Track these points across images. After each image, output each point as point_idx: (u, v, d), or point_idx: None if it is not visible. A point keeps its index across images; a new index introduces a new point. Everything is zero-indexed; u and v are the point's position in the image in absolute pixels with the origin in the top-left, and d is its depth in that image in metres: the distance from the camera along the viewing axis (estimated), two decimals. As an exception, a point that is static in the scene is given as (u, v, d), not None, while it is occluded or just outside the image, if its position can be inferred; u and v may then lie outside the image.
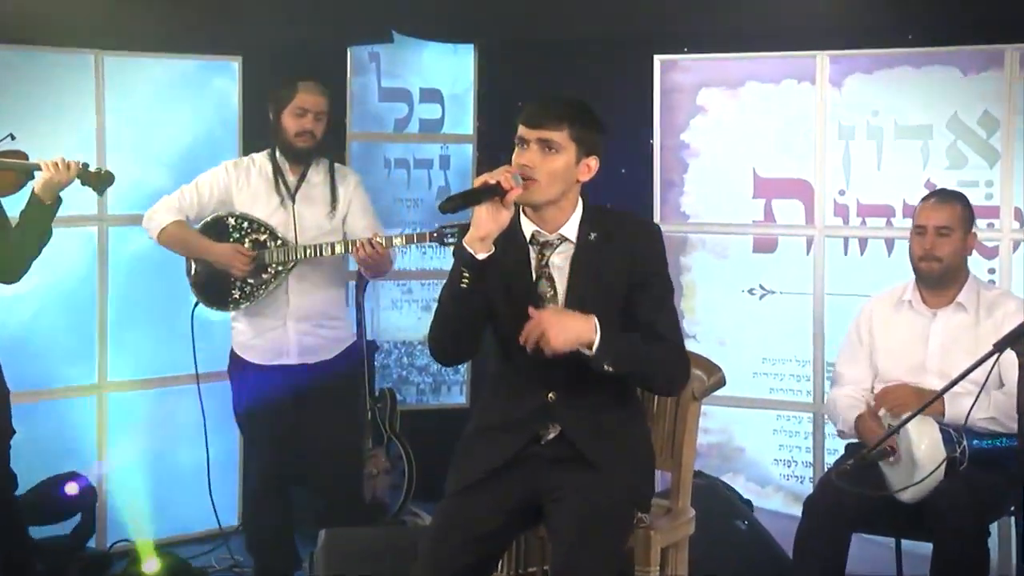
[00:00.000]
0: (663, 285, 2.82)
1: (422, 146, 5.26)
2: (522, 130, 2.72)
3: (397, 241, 3.98)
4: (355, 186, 4.15)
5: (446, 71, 5.28)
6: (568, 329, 2.63)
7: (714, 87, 4.83)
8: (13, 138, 3.62)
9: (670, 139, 4.88)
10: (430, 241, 3.96)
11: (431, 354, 2.90)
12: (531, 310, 2.66)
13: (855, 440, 3.68)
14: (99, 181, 3.68)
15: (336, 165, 4.14)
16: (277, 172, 4.04)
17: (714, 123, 4.84)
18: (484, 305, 2.76)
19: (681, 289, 4.87)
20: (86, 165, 3.67)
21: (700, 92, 4.85)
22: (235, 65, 4.73)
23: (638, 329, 2.75)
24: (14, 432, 3.63)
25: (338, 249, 3.96)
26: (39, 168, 3.53)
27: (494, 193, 2.63)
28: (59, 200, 3.62)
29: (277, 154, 4.05)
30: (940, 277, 3.60)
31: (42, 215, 3.57)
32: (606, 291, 2.76)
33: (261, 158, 4.08)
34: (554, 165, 2.70)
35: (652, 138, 4.88)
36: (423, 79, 5.24)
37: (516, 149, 2.73)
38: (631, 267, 2.77)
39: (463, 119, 5.30)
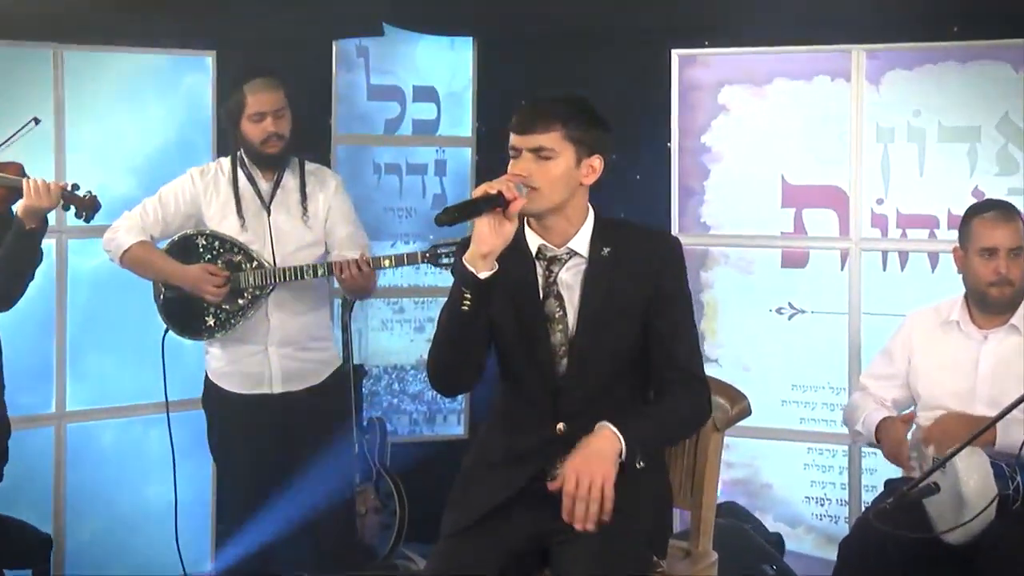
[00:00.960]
0: (682, 307, 2.84)
1: (415, 150, 5.26)
2: (513, 139, 2.74)
3: (386, 263, 3.98)
4: (336, 189, 4.13)
5: (442, 67, 5.29)
6: (594, 464, 2.60)
7: (738, 84, 4.86)
8: (37, 122, 3.77)
9: (689, 142, 4.90)
10: (423, 262, 3.97)
11: (430, 382, 2.90)
12: (550, 485, 2.64)
13: (895, 476, 3.68)
14: (84, 207, 3.74)
15: (311, 165, 4.12)
16: (249, 179, 4.03)
17: (738, 124, 4.87)
18: (487, 328, 2.77)
19: (702, 308, 4.91)
20: (75, 187, 3.73)
21: (722, 90, 4.87)
22: (208, 60, 4.75)
23: (653, 354, 2.78)
24: None
25: (320, 272, 3.97)
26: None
27: (496, 204, 2.64)
28: (45, 223, 3.68)
29: (244, 158, 4.04)
30: (1010, 302, 3.60)
31: (25, 241, 3.62)
32: (620, 312, 2.78)
33: (226, 164, 4.07)
34: (553, 172, 2.72)
35: (669, 141, 4.90)
36: (417, 76, 5.24)
37: (510, 160, 2.75)
38: (648, 286, 2.79)
39: (461, 120, 5.30)
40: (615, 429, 2.64)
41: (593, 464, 2.59)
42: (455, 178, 5.30)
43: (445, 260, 3.87)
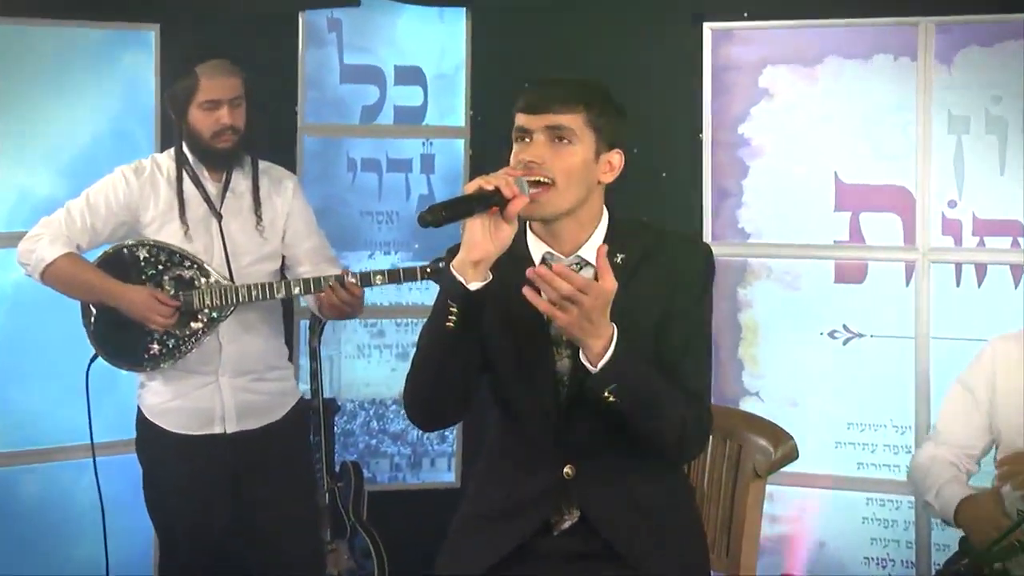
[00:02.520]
0: (696, 322, 2.85)
1: (398, 142, 5.28)
2: (523, 119, 2.75)
3: (378, 280, 3.98)
4: (294, 192, 4.16)
5: (430, 44, 5.31)
6: (589, 324, 2.63)
7: (783, 64, 4.87)
8: None
9: (725, 133, 4.92)
10: (424, 278, 3.99)
11: (406, 412, 2.90)
12: (569, 275, 2.61)
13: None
14: None
15: (263, 163, 4.14)
16: (195, 180, 4.04)
17: (783, 111, 4.88)
18: (477, 350, 2.77)
19: (739, 331, 4.93)
20: None
21: (764, 71, 4.89)
22: (151, 35, 4.76)
23: None
24: None
25: (295, 290, 3.98)
26: None
27: (491, 202, 2.64)
28: None
29: (188, 154, 4.04)
30: None
31: None
32: (638, 331, 2.78)
33: (168, 161, 4.06)
34: (570, 160, 2.73)
35: (701, 132, 4.93)
36: (399, 54, 5.25)
37: (515, 146, 2.76)
38: (669, 298, 2.81)
39: (452, 106, 5.32)
40: (615, 335, 2.65)
41: (596, 314, 2.63)
42: (445, 176, 5.31)
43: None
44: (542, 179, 2.70)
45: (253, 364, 4.09)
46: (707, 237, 4.88)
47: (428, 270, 3.96)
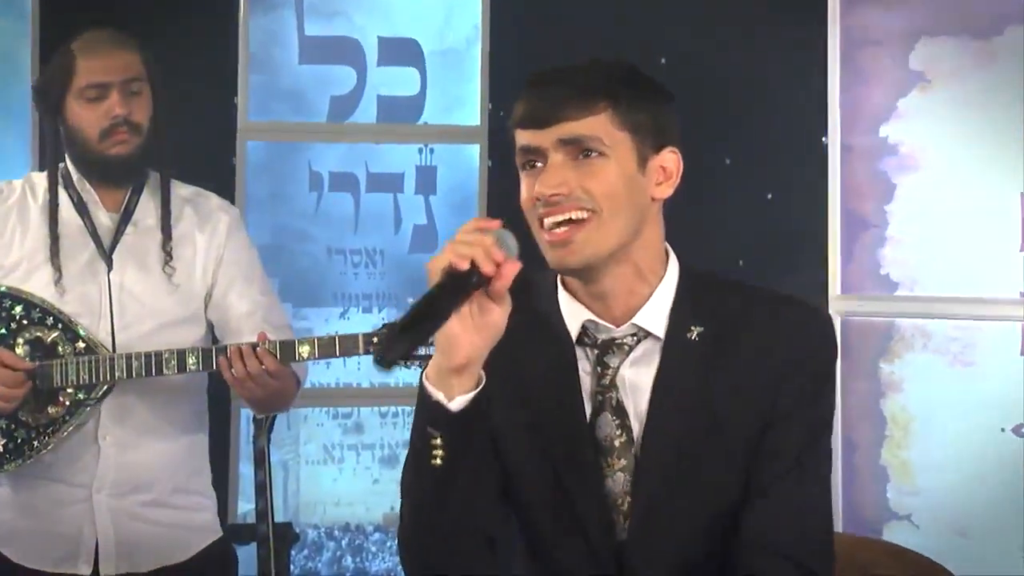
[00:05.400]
0: (811, 427, 2.77)
1: (383, 149, 5.31)
2: (526, 136, 2.69)
3: (304, 353, 3.89)
4: (229, 230, 4.11)
5: (429, 7, 5.35)
6: None
7: (944, 37, 4.92)
8: None
9: (859, 136, 4.95)
10: (366, 353, 3.86)
11: (404, 570, 2.81)
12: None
13: None
14: None
15: (184, 187, 4.12)
16: (78, 207, 4.00)
17: (944, 104, 4.94)
18: (489, 474, 2.71)
19: (883, 427, 4.94)
20: None
21: (917, 47, 4.95)
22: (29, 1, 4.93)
23: (743, 516, 2.73)
24: None
25: (191, 364, 3.87)
26: None
27: (471, 286, 2.54)
28: None
29: (71, 169, 4.03)
30: None
31: None
32: (722, 438, 2.74)
33: (42, 182, 4.05)
34: (606, 179, 2.66)
35: (825, 135, 4.96)
36: (385, 22, 5.30)
37: (523, 176, 2.71)
38: (766, 398, 2.74)
39: (462, 97, 5.34)
40: None
41: None
42: (452, 197, 5.34)
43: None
44: (573, 216, 2.65)
45: (148, 478, 3.99)
46: (834, 288, 4.89)
47: (375, 339, 3.86)
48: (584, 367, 2.76)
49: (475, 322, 2.56)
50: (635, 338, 2.74)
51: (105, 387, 3.88)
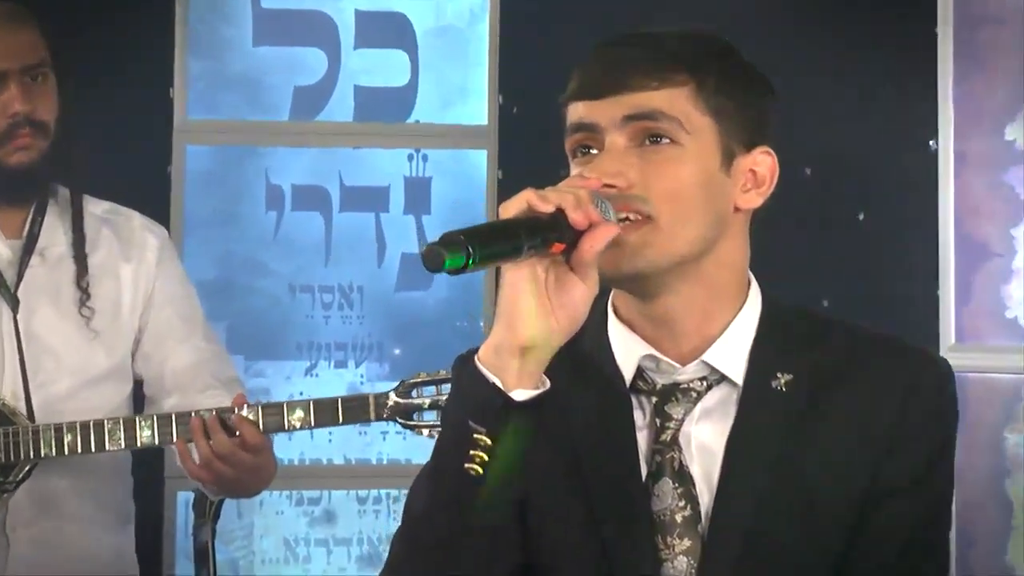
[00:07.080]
0: (927, 498, 2.67)
1: (363, 155, 5.48)
2: (582, 110, 2.62)
3: (297, 421, 3.73)
4: (160, 258, 4.02)
5: None
6: None
7: None
8: None
9: (977, 141, 5.01)
10: (381, 418, 3.78)
11: None
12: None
13: None
14: None
15: (98, 203, 4.03)
16: None
17: None
18: (518, 533, 2.58)
19: (1009, 512, 5.03)
20: None
21: None
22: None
23: None
24: None
25: (145, 437, 3.76)
26: None
27: (551, 237, 2.43)
28: None
29: None
30: None
31: None
32: (808, 516, 2.63)
33: None
34: (677, 173, 2.57)
35: (935, 138, 5.04)
36: None
37: (572, 162, 2.65)
38: (868, 462, 2.64)
39: (464, 90, 5.48)
40: None
41: None
42: (450, 216, 5.48)
43: (420, 415, 3.77)
44: (629, 216, 2.53)
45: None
46: (947, 335, 5.01)
47: (390, 401, 3.76)
48: (639, 419, 2.68)
49: (551, 296, 2.47)
50: (705, 383, 2.66)
51: (25, 470, 3.81)
